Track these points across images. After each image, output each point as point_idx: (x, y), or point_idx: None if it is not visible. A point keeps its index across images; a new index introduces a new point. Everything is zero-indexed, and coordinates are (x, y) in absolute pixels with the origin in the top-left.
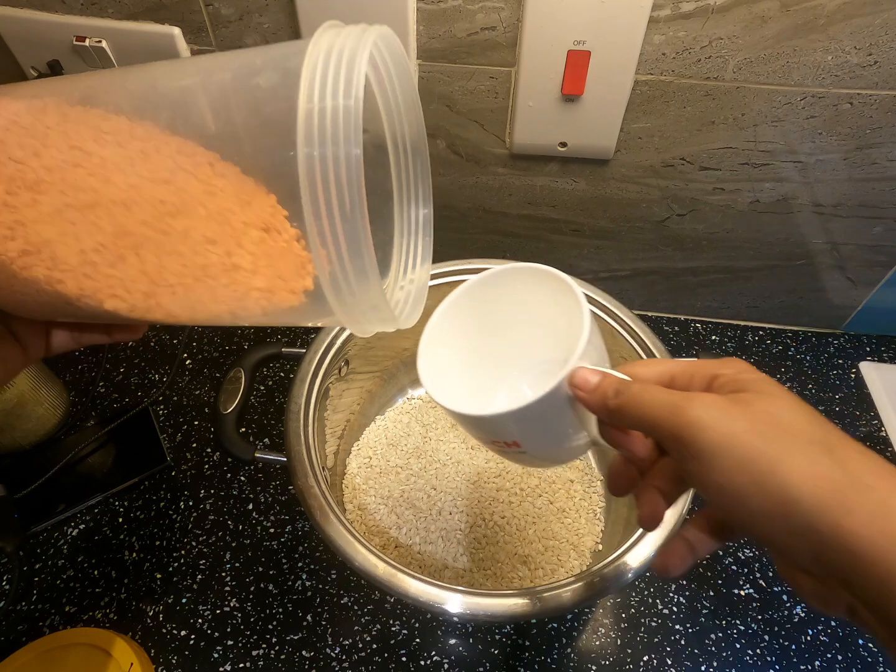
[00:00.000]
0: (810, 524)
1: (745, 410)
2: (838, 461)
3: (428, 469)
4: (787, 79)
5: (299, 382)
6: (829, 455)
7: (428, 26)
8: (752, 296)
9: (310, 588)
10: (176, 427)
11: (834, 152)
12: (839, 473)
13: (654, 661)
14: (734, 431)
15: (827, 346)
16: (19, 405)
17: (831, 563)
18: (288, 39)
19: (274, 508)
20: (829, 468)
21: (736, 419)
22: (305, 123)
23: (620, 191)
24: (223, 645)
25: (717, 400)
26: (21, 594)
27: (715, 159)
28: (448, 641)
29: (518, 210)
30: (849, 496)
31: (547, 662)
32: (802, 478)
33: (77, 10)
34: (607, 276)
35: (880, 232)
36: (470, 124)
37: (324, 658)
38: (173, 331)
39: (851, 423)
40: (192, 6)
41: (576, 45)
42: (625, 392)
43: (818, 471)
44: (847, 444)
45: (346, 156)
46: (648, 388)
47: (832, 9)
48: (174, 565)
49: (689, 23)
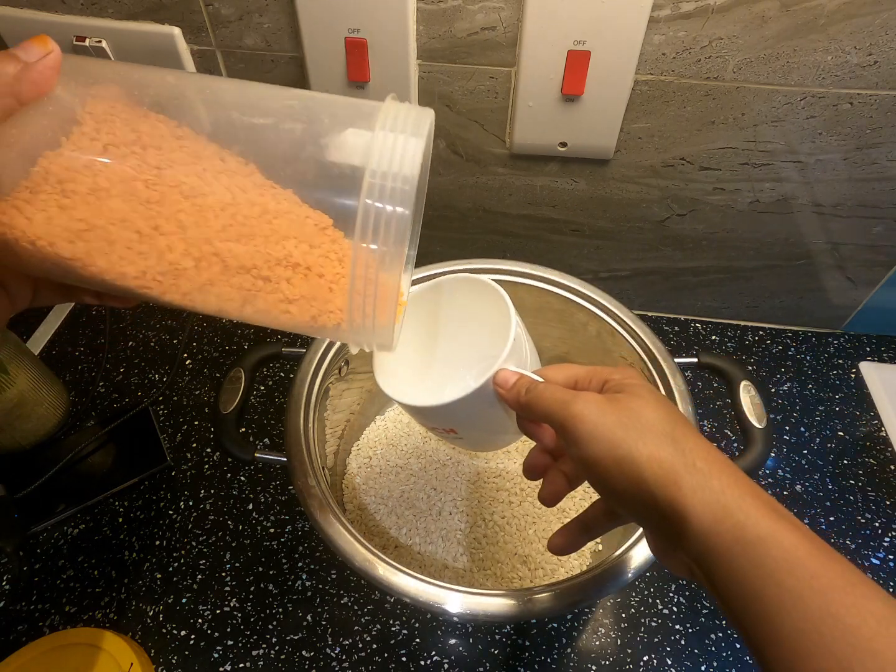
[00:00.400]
0: (654, 495)
1: (616, 407)
2: (679, 449)
3: (428, 469)
4: (787, 79)
5: (299, 382)
6: (673, 444)
7: (428, 26)
8: (752, 296)
9: (310, 588)
10: (176, 427)
11: (834, 152)
12: (678, 458)
13: (654, 661)
14: (605, 423)
15: (827, 346)
16: (19, 405)
17: (669, 529)
18: (287, 40)
19: (274, 508)
20: (670, 453)
21: (607, 414)
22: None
23: (620, 191)
24: (223, 645)
25: (596, 398)
26: (21, 594)
27: (715, 159)
28: (448, 641)
29: (518, 210)
30: (681, 475)
31: (547, 662)
32: (649, 461)
33: (77, 10)
34: (607, 276)
35: (880, 232)
36: (470, 124)
37: (324, 658)
38: (173, 331)
39: (851, 423)
40: (192, 6)
41: (576, 45)
42: (533, 390)
43: (662, 455)
44: (689, 436)
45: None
46: (550, 387)
47: (832, 9)
48: (174, 565)
49: (689, 23)
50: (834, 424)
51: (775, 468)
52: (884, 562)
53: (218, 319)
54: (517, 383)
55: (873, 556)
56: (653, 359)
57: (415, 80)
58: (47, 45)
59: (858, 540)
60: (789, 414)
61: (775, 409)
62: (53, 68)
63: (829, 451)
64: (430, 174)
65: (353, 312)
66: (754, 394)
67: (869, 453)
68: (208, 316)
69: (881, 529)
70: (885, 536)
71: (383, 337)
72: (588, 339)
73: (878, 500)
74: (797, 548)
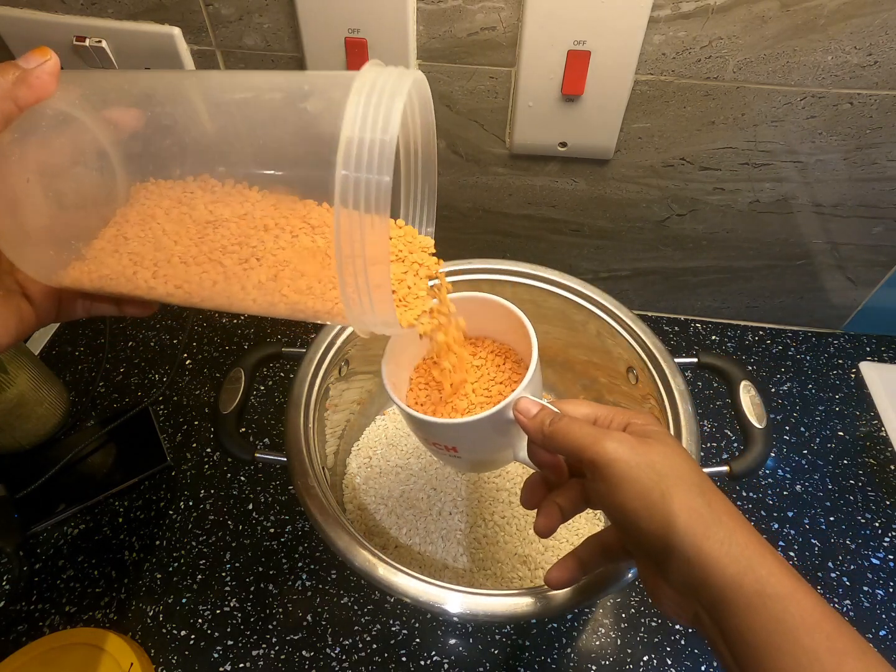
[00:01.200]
0: (681, 542)
1: (649, 450)
2: (706, 501)
3: (428, 469)
4: (787, 79)
5: (299, 382)
6: (702, 496)
7: (428, 26)
8: (752, 296)
9: (310, 588)
10: (176, 427)
11: (834, 152)
12: (706, 510)
13: (654, 661)
14: (638, 464)
15: (827, 346)
16: (19, 405)
17: (690, 575)
18: (287, 40)
19: (274, 508)
20: (700, 505)
21: (640, 455)
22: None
23: (620, 191)
24: (223, 645)
25: (629, 438)
26: (21, 594)
27: (715, 159)
28: (448, 641)
29: (518, 210)
30: (709, 526)
31: (547, 662)
32: (681, 509)
33: (77, 10)
34: (607, 276)
35: (880, 232)
36: (470, 124)
37: (324, 658)
38: (173, 331)
39: (851, 423)
40: (192, 6)
41: (576, 45)
42: (557, 422)
43: (693, 505)
44: (714, 490)
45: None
46: (577, 420)
47: (832, 9)
48: (174, 565)
49: (689, 23)
50: (834, 424)
51: (775, 468)
52: (884, 562)
53: (218, 319)
54: (540, 414)
55: (873, 556)
56: (653, 359)
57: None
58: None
59: (858, 540)
60: (789, 414)
61: (775, 409)
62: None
63: (829, 451)
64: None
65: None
66: (754, 394)
67: (869, 453)
68: (208, 316)
69: (881, 529)
70: (885, 536)
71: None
72: (588, 339)
73: (878, 500)
74: (814, 609)
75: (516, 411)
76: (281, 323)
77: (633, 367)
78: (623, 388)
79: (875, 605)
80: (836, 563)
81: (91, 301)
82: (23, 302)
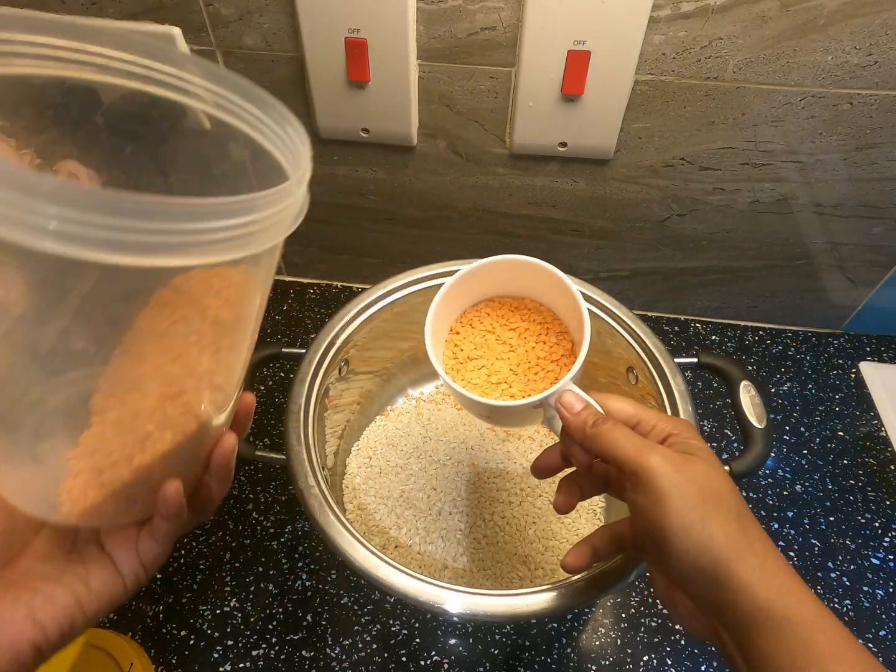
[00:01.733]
0: (716, 564)
1: (693, 470)
2: (742, 526)
3: (428, 469)
4: (787, 79)
5: (299, 382)
6: (738, 521)
7: (428, 26)
8: (752, 296)
9: (310, 588)
10: None
11: (834, 152)
12: (741, 535)
13: (654, 661)
14: (682, 483)
15: (827, 346)
16: None
17: (718, 597)
18: (287, 40)
19: (274, 508)
20: (735, 529)
21: (684, 474)
22: None
23: (620, 191)
24: (223, 645)
25: (674, 455)
26: None
27: (715, 159)
28: (448, 641)
29: (518, 210)
30: (744, 552)
31: (547, 662)
32: (720, 532)
33: (77, 9)
34: (607, 276)
35: (880, 232)
36: (470, 124)
37: (324, 658)
38: None
39: (851, 423)
40: (192, 6)
41: (576, 45)
42: (601, 425)
43: (730, 530)
44: (749, 516)
45: None
46: (620, 426)
47: (832, 9)
48: (174, 565)
49: (689, 23)
50: (834, 424)
51: (775, 468)
52: (884, 562)
53: None
54: (583, 412)
55: (873, 556)
56: (653, 359)
57: (415, 80)
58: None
59: (858, 540)
60: (789, 414)
61: (775, 409)
62: None
63: (829, 451)
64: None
65: None
66: (754, 394)
67: (869, 453)
68: None
69: (881, 529)
70: (885, 536)
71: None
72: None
73: (878, 500)
74: (838, 636)
75: (559, 404)
76: (281, 323)
77: (633, 367)
78: (623, 389)
79: (875, 605)
80: (836, 563)
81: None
82: (104, 569)
